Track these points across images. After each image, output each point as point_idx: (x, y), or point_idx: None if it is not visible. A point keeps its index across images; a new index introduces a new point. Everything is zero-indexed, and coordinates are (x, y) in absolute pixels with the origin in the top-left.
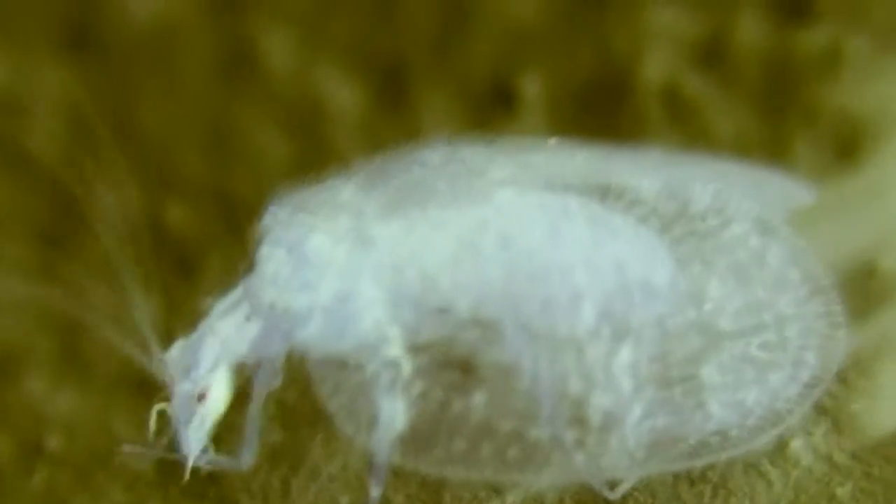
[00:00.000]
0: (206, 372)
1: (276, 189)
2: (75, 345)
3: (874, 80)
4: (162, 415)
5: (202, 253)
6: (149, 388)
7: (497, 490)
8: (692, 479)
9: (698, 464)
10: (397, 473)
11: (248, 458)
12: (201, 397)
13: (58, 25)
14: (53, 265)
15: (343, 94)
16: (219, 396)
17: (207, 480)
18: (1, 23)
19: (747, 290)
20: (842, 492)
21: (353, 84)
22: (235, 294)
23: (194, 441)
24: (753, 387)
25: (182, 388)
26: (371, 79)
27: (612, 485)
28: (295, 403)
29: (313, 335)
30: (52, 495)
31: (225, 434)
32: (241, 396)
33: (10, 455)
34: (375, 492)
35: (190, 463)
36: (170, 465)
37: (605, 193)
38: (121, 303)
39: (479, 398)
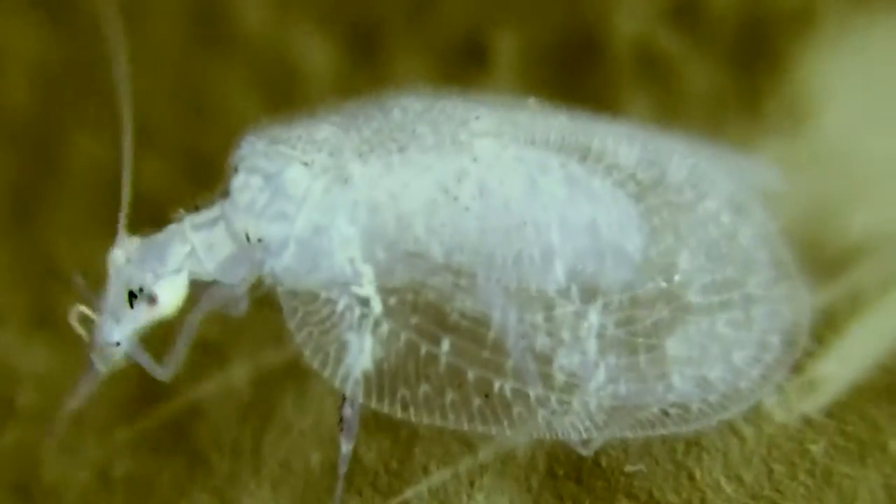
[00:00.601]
0: (169, 273)
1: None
2: (47, 300)
3: (846, 37)
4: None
5: (172, 208)
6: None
7: (469, 446)
8: (665, 436)
9: (658, 433)
10: (368, 430)
11: (170, 370)
12: (152, 299)
13: None
14: (24, 220)
15: (316, 52)
16: (169, 303)
17: (178, 437)
18: None
19: (717, 267)
20: (815, 448)
21: (325, 42)
22: (210, 212)
23: (117, 335)
24: (717, 363)
25: (127, 277)
26: (344, 36)
27: (586, 441)
28: (266, 360)
29: (285, 266)
30: (23, 452)
31: None
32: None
33: None
34: (346, 447)
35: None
36: (140, 421)
37: (585, 154)
38: (92, 258)
39: (446, 344)
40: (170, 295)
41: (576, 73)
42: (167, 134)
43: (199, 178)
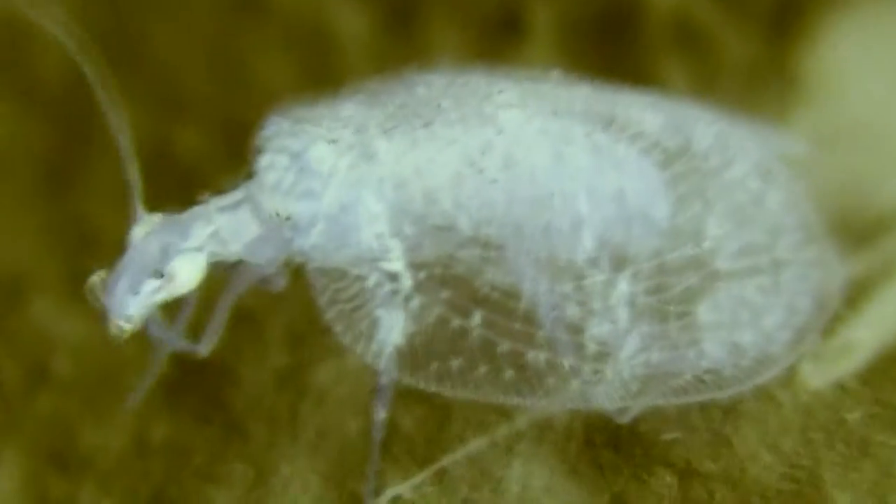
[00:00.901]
0: (190, 250)
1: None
2: (83, 269)
3: (880, 8)
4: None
5: (209, 179)
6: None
7: (506, 414)
8: (702, 404)
9: (691, 400)
10: (405, 397)
11: (207, 345)
12: (169, 275)
13: None
14: (61, 189)
15: (351, 20)
16: (186, 280)
17: (215, 404)
18: None
19: (745, 233)
20: (852, 417)
21: (362, 11)
22: (236, 194)
23: (130, 305)
24: (748, 329)
25: (147, 250)
26: (380, 6)
27: (621, 409)
28: (303, 328)
29: (314, 244)
30: (59, 420)
31: None
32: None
33: (17, 379)
34: (380, 414)
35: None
36: (177, 390)
37: (609, 123)
38: (128, 227)
39: (477, 317)
40: (187, 272)
41: (612, 43)
42: (204, 104)
43: (236, 148)
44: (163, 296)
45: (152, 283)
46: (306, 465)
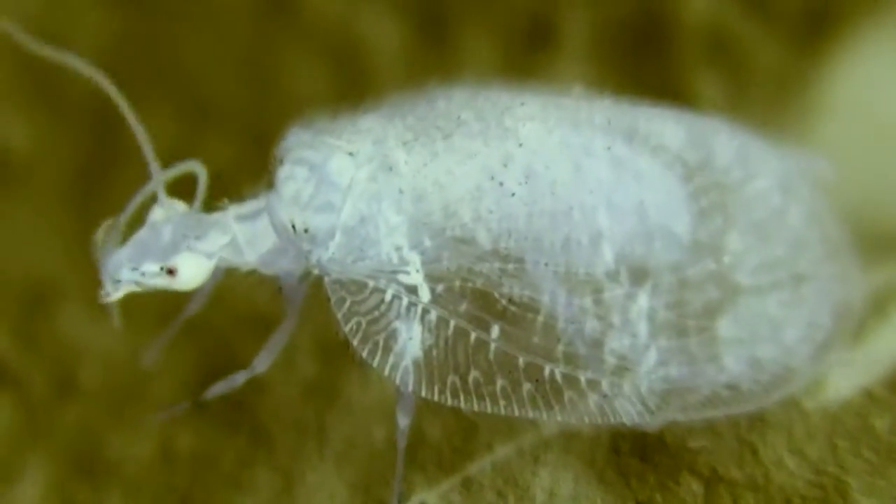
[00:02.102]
0: (201, 252)
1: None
2: None
3: None
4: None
5: (237, 188)
6: (186, 323)
7: (532, 422)
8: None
9: (710, 415)
10: (432, 406)
11: (263, 363)
12: (172, 270)
13: None
14: (89, 199)
15: (383, 31)
16: (187, 279)
17: (242, 412)
18: None
19: (766, 247)
20: (880, 424)
21: (393, 21)
22: (254, 204)
23: (125, 275)
24: (768, 343)
25: (161, 236)
26: (412, 16)
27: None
28: (330, 337)
29: (332, 256)
30: (86, 428)
31: None
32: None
33: (45, 388)
34: (403, 421)
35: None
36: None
37: (630, 137)
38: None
39: (495, 330)
40: (190, 271)
41: (643, 55)
42: (233, 113)
43: (265, 158)
44: (158, 283)
45: (152, 266)
46: (333, 473)
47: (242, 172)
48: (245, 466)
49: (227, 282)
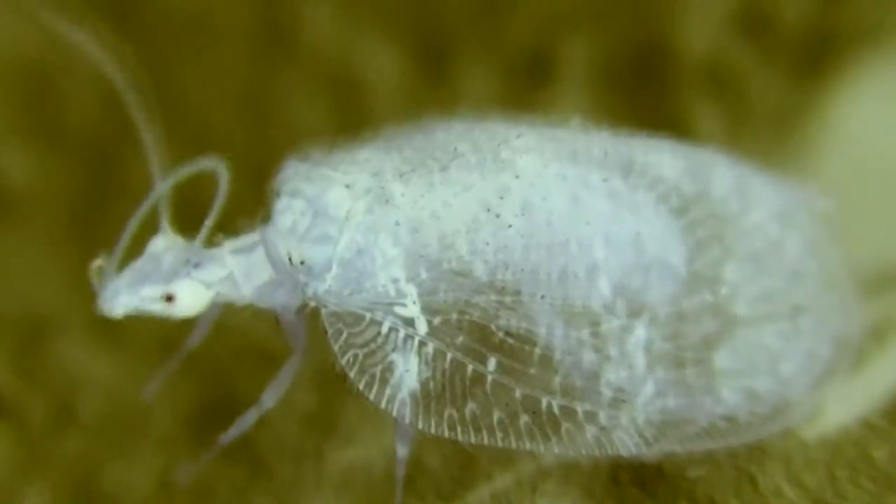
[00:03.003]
0: (199, 282)
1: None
2: None
3: None
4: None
5: (235, 220)
6: (186, 356)
7: (532, 452)
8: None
9: (706, 447)
10: (431, 437)
11: (271, 398)
12: (171, 297)
13: None
14: (88, 229)
15: (382, 63)
16: (185, 307)
17: (240, 444)
18: None
19: (764, 279)
20: (878, 454)
21: (392, 53)
22: (249, 238)
23: (122, 303)
24: (765, 375)
25: (160, 264)
26: (410, 48)
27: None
28: (329, 368)
29: (328, 288)
30: (85, 459)
31: None
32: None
33: (44, 418)
34: (402, 451)
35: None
36: (203, 429)
37: (628, 169)
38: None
39: (492, 363)
40: (189, 299)
41: (643, 87)
42: (232, 145)
43: (264, 189)
44: (156, 309)
45: (152, 291)
46: (331, 503)
47: (240, 205)
48: (243, 497)
49: (226, 314)
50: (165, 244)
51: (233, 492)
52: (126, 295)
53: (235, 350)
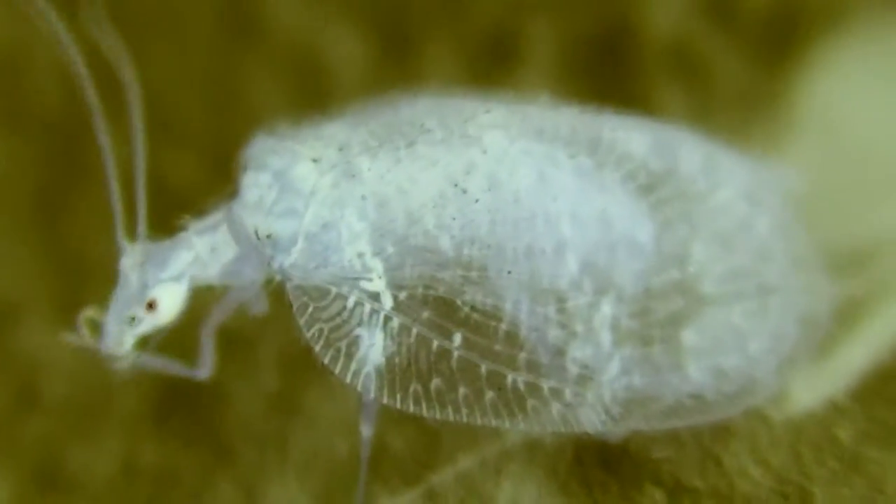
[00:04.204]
0: (169, 280)
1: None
2: (72, 294)
3: (876, 36)
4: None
5: (201, 203)
6: (147, 338)
7: (496, 433)
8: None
9: (673, 425)
10: (395, 418)
11: (205, 369)
12: (151, 305)
13: None
14: (52, 217)
15: (345, 49)
16: (168, 309)
17: (204, 427)
18: None
19: (732, 257)
20: (844, 434)
21: (355, 39)
22: (215, 216)
23: (119, 337)
24: (733, 354)
25: (130, 283)
26: (374, 32)
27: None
28: (293, 351)
29: (294, 262)
30: (48, 442)
31: None
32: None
33: (6, 402)
34: (366, 431)
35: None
36: (166, 412)
37: (595, 146)
38: (116, 253)
39: (457, 338)
40: (169, 302)
41: (607, 69)
42: (196, 128)
43: (227, 173)
44: (145, 327)
45: (138, 311)
46: (296, 487)
47: (204, 189)
48: (207, 480)
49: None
50: (131, 260)
51: (197, 476)
52: (117, 328)
53: (197, 331)
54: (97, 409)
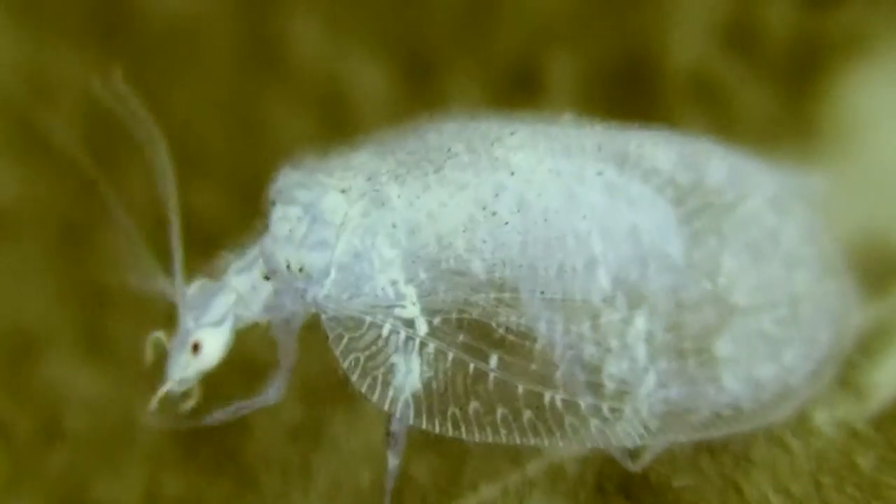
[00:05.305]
0: (212, 323)
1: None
2: (97, 325)
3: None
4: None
5: (227, 236)
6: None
7: (518, 462)
8: (713, 451)
9: (711, 436)
10: (418, 447)
11: (275, 392)
12: (196, 348)
13: (83, 10)
14: (74, 248)
15: (368, 79)
16: (212, 352)
17: (227, 456)
18: (25, 8)
19: (761, 267)
20: (864, 462)
21: (378, 69)
22: (251, 253)
23: (178, 380)
24: (767, 363)
25: (185, 323)
26: (396, 63)
27: (634, 456)
28: (316, 379)
29: (327, 293)
30: (71, 474)
31: None
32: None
33: (30, 434)
34: (393, 462)
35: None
36: (188, 442)
37: (622, 162)
38: (143, 285)
39: (493, 360)
40: (212, 346)
41: (629, 98)
42: (220, 160)
43: (252, 206)
44: (195, 370)
45: (184, 357)
46: None
47: (229, 222)
48: None
49: None
50: (183, 298)
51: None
52: (174, 370)
53: (224, 361)
54: (120, 439)
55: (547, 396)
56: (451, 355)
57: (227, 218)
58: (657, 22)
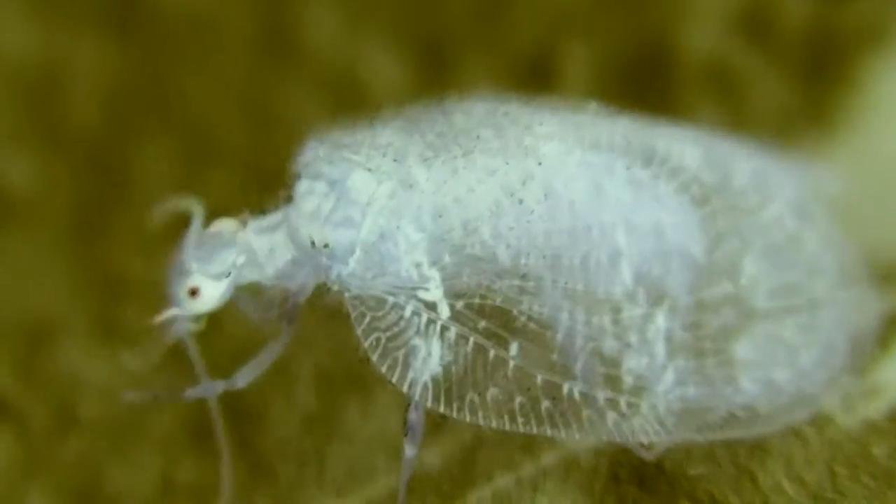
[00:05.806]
0: (211, 275)
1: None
2: (111, 313)
3: None
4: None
5: (262, 205)
6: (183, 354)
7: (532, 451)
8: (727, 439)
9: (726, 436)
10: (432, 436)
11: (243, 379)
12: (194, 292)
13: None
14: (89, 236)
15: (384, 67)
16: (209, 300)
17: (242, 444)
18: None
19: (782, 271)
20: (878, 451)
21: (394, 56)
22: (274, 216)
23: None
24: (784, 367)
25: (187, 255)
26: (412, 51)
27: (648, 446)
28: (330, 369)
29: (351, 272)
30: (86, 461)
31: None
32: None
33: (45, 422)
34: (410, 451)
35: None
36: (204, 431)
37: (649, 157)
38: (155, 271)
39: (514, 348)
40: (209, 295)
41: (645, 89)
42: (236, 147)
43: (267, 192)
44: (190, 311)
45: (182, 297)
46: None
47: (244, 208)
48: (245, 498)
49: (227, 311)
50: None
51: (235, 493)
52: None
53: (235, 348)
54: (135, 427)
55: (565, 387)
56: (471, 341)
57: (242, 203)
58: (673, 12)
